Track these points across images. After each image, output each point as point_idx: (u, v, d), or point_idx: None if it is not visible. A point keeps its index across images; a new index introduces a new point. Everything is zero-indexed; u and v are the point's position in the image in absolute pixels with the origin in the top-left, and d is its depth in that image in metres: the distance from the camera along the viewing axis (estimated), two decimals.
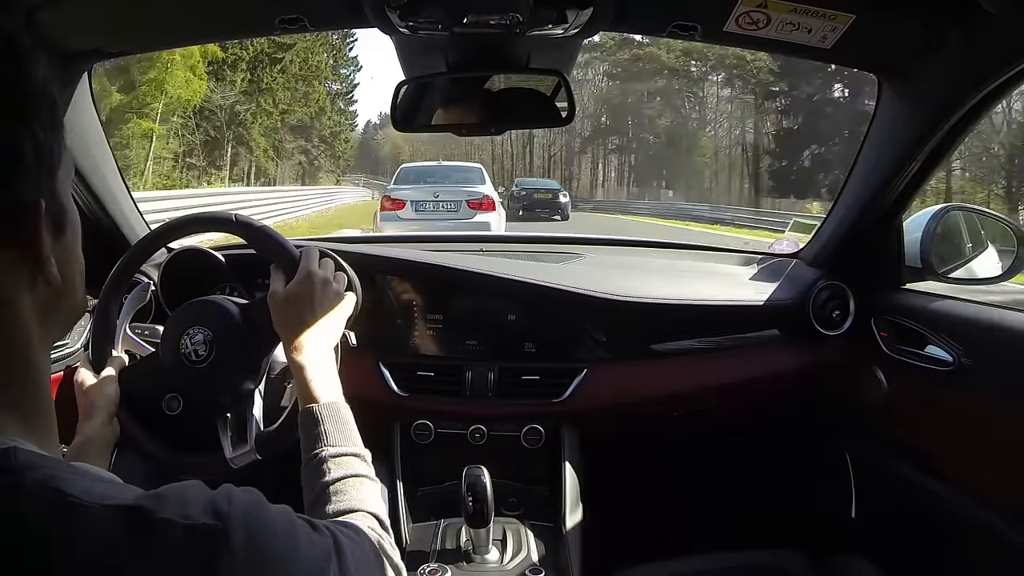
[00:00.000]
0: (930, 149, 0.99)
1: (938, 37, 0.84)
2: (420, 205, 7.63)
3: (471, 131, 1.16)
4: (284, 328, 0.79)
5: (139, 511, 0.36)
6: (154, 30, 1.02)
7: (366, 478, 0.65)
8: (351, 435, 0.69)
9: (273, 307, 0.80)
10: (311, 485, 0.64)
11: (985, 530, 0.94)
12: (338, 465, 0.65)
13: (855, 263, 1.20)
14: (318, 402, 0.71)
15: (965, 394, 0.98)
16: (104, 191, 1.16)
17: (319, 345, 0.77)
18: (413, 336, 1.22)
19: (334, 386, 0.74)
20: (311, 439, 0.68)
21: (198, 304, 0.90)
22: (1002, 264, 1.16)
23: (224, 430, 0.89)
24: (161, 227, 0.98)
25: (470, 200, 7.65)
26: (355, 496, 0.62)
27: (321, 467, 0.64)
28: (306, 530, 0.45)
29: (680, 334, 1.22)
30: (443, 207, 7.59)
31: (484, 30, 0.90)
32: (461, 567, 1.00)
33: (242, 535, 0.38)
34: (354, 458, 0.67)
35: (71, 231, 0.45)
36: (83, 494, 0.35)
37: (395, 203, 7.65)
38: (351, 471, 0.65)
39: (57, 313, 0.44)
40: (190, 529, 0.37)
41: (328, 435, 0.67)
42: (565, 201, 16.95)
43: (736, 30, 0.89)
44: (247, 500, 0.41)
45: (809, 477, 1.37)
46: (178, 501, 0.38)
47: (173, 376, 0.89)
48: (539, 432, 1.17)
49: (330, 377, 0.75)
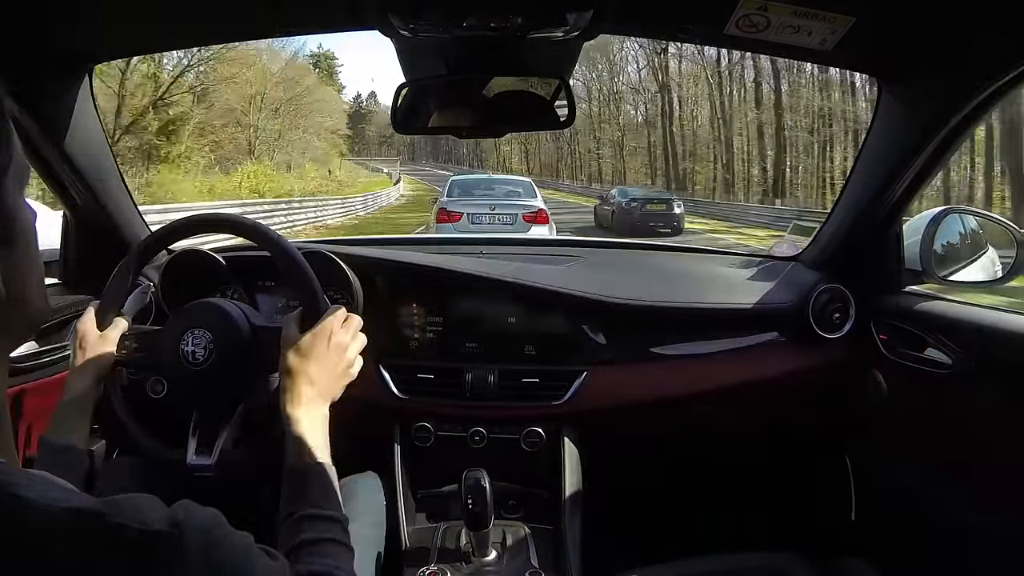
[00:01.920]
0: (929, 152, 0.99)
1: (937, 40, 0.84)
2: (476, 218, 7.79)
3: (471, 133, 1.16)
4: (287, 375, 0.77)
5: (94, 515, 0.36)
6: (155, 31, 1.02)
7: (344, 546, 0.65)
8: (334, 500, 0.69)
9: (283, 348, 0.79)
10: (286, 542, 0.64)
11: (985, 531, 0.94)
12: (317, 528, 0.64)
13: (855, 266, 1.20)
14: (306, 460, 0.70)
15: (964, 396, 0.98)
16: (104, 192, 1.16)
17: (316, 404, 0.76)
18: (413, 338, 1.22)
19: (323, 447, 0.73)
20: (294, 496, 0.67)
21: (204, 306, 0.90)
22: (1002, 266, 1.17)
23: (193, 434, 0.88)
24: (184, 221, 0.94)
25: (525, 214, 7.86)
26: (330, 561, 0.62)
27: (299, 525, 0.64)
28: (262, 557, 0.45)
29: (680, 337, 1.22)
30: (499, 220, 7.78)
31: (484, 33, 0.90)
32: (461, 569, 1.00)
33: (197, 546, 0.38)
34: (335, 524, 0.66)
35: (22, 242, 0.44)
36: (38, 497, 0.35)
37: (451, 215, 7.83)
38: (329, 535, 0.64)
39: (7, 327, 0.44)
40: (145, 535, 0.37)
41: (311, 496, 0.67)
42: (680, 212, 14.57)
43: (736, 33, 0.89)
44: (205, 515, 0.41)
45: (809, 479, 1.37)
46: (134, 508, 0.38)
47: (166, 364, 0.88)
48: (539, 434, 1.17)
49: (322, 438, 0.74)
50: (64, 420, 0.80)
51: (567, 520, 1.11)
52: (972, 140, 16.76)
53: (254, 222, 0.92)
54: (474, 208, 7.96)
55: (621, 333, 1.20)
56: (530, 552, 1.06)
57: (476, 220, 7.77)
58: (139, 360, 0.90)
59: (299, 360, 0.77)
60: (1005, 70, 0.81)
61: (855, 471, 1.25)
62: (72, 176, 1.09)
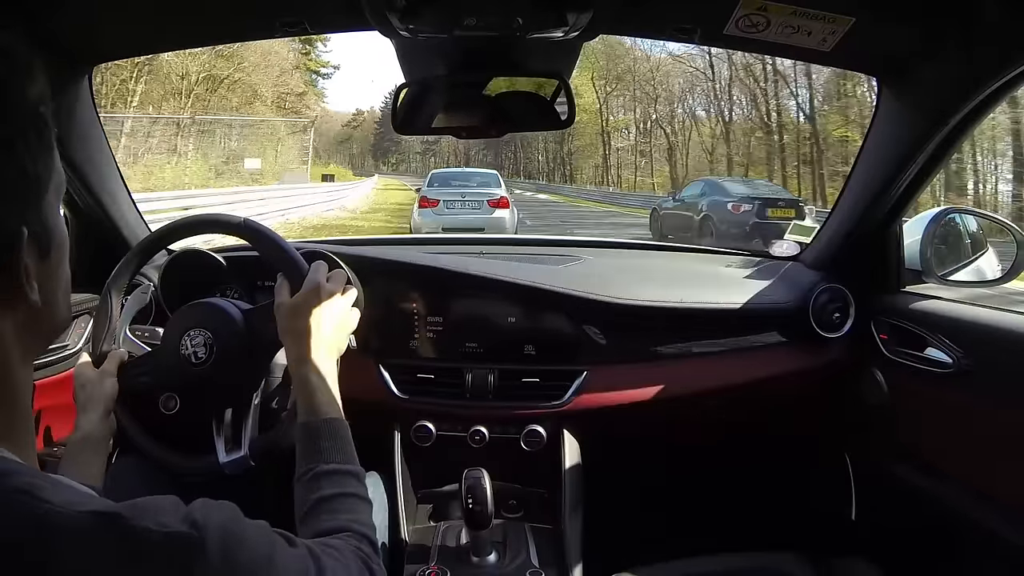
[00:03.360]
0: (930, 151, 0.99)
1: (937, 40, 0.84)
2: (450, 204, 9.55)
3: (471, 134, 1.16)
4: (288, 339, 0.78)
5: (115, 518, 0.37)
6: (155, 32, 1.02)
7: (360, 498, 0.65)
8: (348, 453, 0.69)
9: (279, 317, 0.80)
10: (304, 499, 0.64)
11: (985, 531, 0.94)
12: (333, 482, 0.64)
13: (855, 266, 1.20)
14: (318, 416, 0.71)
15: (965, 396, 0.98)
16: (104, 192, 1.17)
17: (322, 359, 0.76)
18: (413, 338, 1.22)
19: (334, 402, 0.74)
20: (308, 453, 0.67)
21: (199, 306, 0.90)
22: (1002, 266, 1.17)
23: (219, 433, 0.88)
24: (167, 227, 0.97)
25: (490, 200, 9.58)
26: (347, 515, 0.62)
27: (316, 482, 0.64)
28: (283, 546, 0.45)
29: (680, 337, 1.22)
30: (469, 205, 9.50)
31: (484, 33, 0.90)
32: (461, 569, 1.00)
33: (218, 546, 0.39)
34: (350, 477, 0.66)
35: (56, 251, 0.45)
36: (59, 501, 0.36)
37: (430, 202, 9.64)
38: (346, 489, 0.64)
39: (38, 332, 0.45)
40: (167, 537, 0.37)
41: (325, 451, 0.67)
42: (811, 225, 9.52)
43: (736, 33, 0.90)
44: (223, 514, 0.42)
45: (809, 478, 1.37)
46: (154, 511, 0.39)
47: (172, 375, 0.89)
48: (539, 434, 1.17)
49: (331, 393, 0.74)
50: (73, 458, 0.79)
51: (567, 520, 1.12)
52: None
53: (223, 215, 0.94)
54: (448, 196, 9.69)
55: (621, 333, 1.20)
56: (530, 551, 1.06)
57: (451, 206, 9.51)
58: (146, 383, 0.90)
59: (296, 320, 0.78)
60: (1005, 70, 0.81)
61: (855, 471, 1.25)
62: (72, 176, 1.09)
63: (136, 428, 0.89)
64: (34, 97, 0.41)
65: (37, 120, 0.41)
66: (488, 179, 10.73)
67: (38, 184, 0.42)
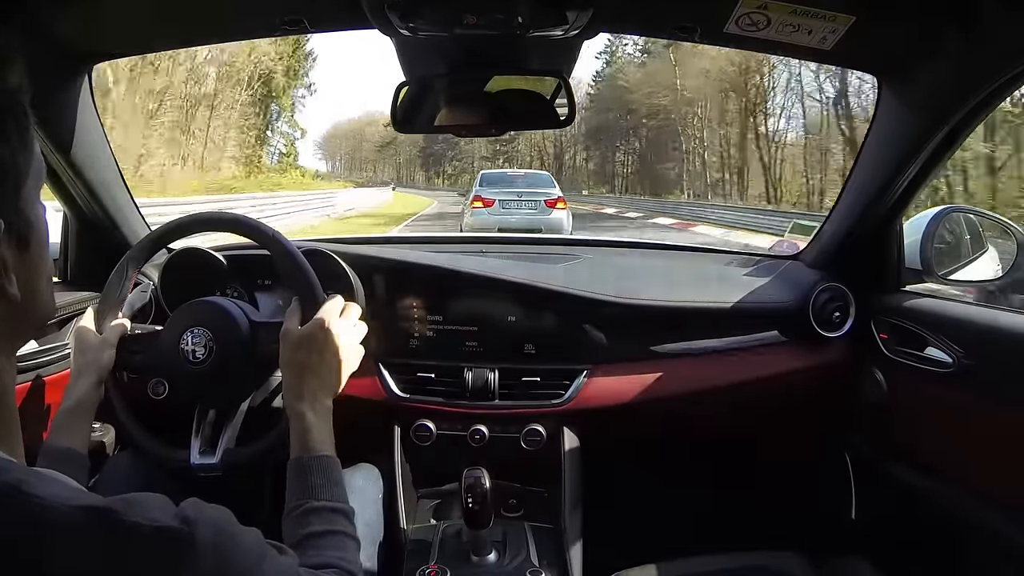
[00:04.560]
0: (930, 150, 0.99)
1: (937, 39, 0.84)
2: (506, 204, 9.28)
3: (471, 132, 1.16)
4: (289, 369, 0.77)
5: (106, 512, 0.37)
6: (155, 31, 1.02)
7: (349, 536, 0.65)
8: (338, 492, 0.69)
9: (283, 343, 0.79)
10: (292, 534, 0.64)
11: (985, 531, 0.94)
12: (322, 519, 0.65)
13: (855, 265, 1.20)
14: (311, 453, 0.70)
15: (965, 395, 0.98)
16: (104, 191, 1.16)
17: (320, 396, 0.76)
18: (413, 337, 1.22)
19: (328, 440, 0.73)
20: (299, 489, 0.68)
21: (203, 304, 0.90)
22: (1002, 265, 1.16)
23: (197, 433, 0.88)
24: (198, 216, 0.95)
25: (547, 199, 9.28)
26: (335, 552, 0.62)
27: (305, 518, 0.64)
28: (274, 554, 0.46)
29: (680, 336, 1.22)
30: (527, 205, 9.27)
31: (484, 31, 0.90)
32: (461, 568, 1.00)
33: (208, 542, 0.39)
34: (339, 515, 0.66)
35: (36, 243, 0.45)
36: (49, 495, 0.36)
37: (486, 201, 9.37)
38: (334, 527, 0.65)
39: (18, 325, 0.44)
40: (156, 531, 0.37)
41: (316, 488, 0.67)
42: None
43: (736, 31, 0.90)
44: (216, 513, 0.42)
45: (809, 478, 1.37)
46: (145, 506, 0.38)
47: (167, 364, 0.88)
48: (539, 433, 1.17)
49: (325, 430, 0.74)
50: (65, 424, 0.80)
51: (567, 519, 1.12)
52: None
53: (255, 221, 0.92)
54: (504, 196, 9.36)
55: (621, 332, 1.20)
56: (530, 551, 1.06)
57: (506, 205, 9.24)
58: (140, 362, 0.89)
59: (300, 353, 0.77)
60: (1005, 70, 0.81)
61: (855, 470, 1.25)
62: (72, 175, 1.09)
63: (122, 404, 0.88)
64: (11, 87, 0.40)
65: (15, 109, 0.41)
66: (542, 179, 10.50)
67: (16, 174, 0.41)
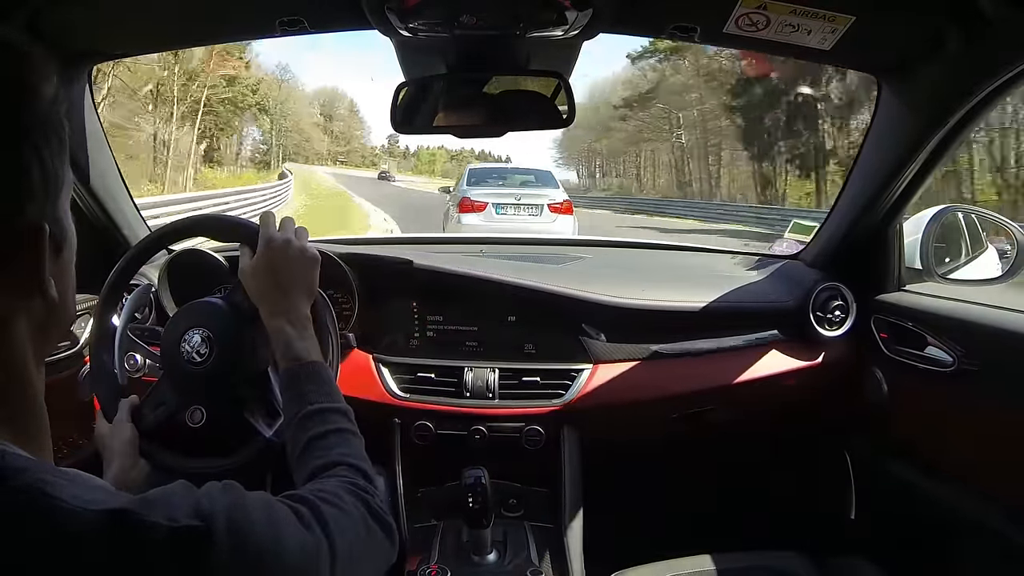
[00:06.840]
0: (929, 150, 0.99)
1: (937, 39, 0.84)
2: (502, 208, 7.34)
3: (471, 133, 1.16)
4: (260, 299, 0.78)
5: (126, 515, 0.37)
6: (154, 31, 1.02)
7: (350, 432, 0.66)
8: (332, 392, 0.70)
9: (245, 283, 0.80)
10: (295, 441, 0.65)
11: (985, 530, 0.94)
12: (321, 421, 0.65)
13: (855, 264, 1.20)
14: (298, 361, 0.71)
15: (965, 395, 0.98)
16: (104, 192, 1.17)
17: (295, 306, 0.76)
18: (413, 337, 1.22)
19: (312, 347, 0.74)
20: (293, 398, 0.68)
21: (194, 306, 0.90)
22: (1002, 265, 1.16)
23: (254, 417, 0.88)
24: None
25: (551, 204, 7.44)
26: (339, 450, 0.62)
27: (305, 423, 0.65)
28: (286, 520, 0.46)
29: (680, 335, 1.22)
30: (525, 210, 7.38)
31: (484, 32, 0.90)
32: (461, 568, 1.01)
33: (224, 532, 0.39)
34: (337, 414, 0.67)
35: (68, 249, 0.47)
36: (70, 498, 0.36)
37: (475, 205, 7.32)
38: (334, 426, 0.65)
39: (51, 328, 0.45)
40: (173, 532, 0.38)
41: (309, 393, 0.68)
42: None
43: (736, 31, 0.90)
44: (227, 498, 0.42)
45: (809, 478, 1.37)
46: (164, 504, 0.39)
47: (186, 388, 0.87)
48: (539, 433, 1.17)
49: (308, 337, 0.75)
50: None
51: (567, 519, 1.12)
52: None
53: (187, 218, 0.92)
54: (498, 198, 7.40)
55: (621, 332, 1.20)
56: (530, 550, 1.06)
57: (501, 210, 7.31)
58: (162, 418, 0.88)
59: (260, 278, 0.78)
60: (1005, 70, 0.81)
61: (855, 469, 1.25)
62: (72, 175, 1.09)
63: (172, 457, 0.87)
64: (51, 95, 0.42)
65: (54, 120, 0.43)
66: (543, 177, 8.59)
67: (57, 182, 0.44)
